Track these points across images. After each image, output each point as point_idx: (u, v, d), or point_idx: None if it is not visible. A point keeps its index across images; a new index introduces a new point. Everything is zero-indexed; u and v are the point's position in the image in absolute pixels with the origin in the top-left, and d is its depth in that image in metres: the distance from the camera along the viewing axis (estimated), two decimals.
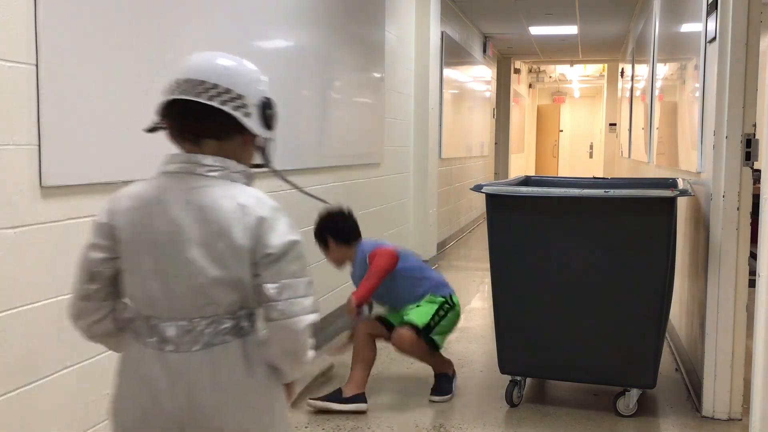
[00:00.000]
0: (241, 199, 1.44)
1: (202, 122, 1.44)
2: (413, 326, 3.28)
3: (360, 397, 3.30)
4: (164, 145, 2.85)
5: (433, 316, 3.33)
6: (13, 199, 2.09)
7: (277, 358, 1.45)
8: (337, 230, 3.47)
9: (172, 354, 1.40)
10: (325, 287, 4.47)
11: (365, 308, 3.38)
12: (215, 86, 1.46)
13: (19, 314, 2.12)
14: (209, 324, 1.41)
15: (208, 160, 1.44)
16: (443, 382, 3.52)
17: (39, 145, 2.17)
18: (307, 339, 1.44)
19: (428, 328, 3.32)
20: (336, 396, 3.29)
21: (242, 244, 1.40)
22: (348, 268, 3.59)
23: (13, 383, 2.12)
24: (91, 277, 1.46)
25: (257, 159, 1.58)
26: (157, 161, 2.75)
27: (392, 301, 3.49)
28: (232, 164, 1.47)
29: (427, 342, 3.34)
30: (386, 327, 3.44)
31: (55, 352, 2.27)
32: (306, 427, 3.12)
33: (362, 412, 3.28)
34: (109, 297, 1.48)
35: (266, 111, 1.59)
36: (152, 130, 1.51)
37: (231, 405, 1.41)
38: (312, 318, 1.43)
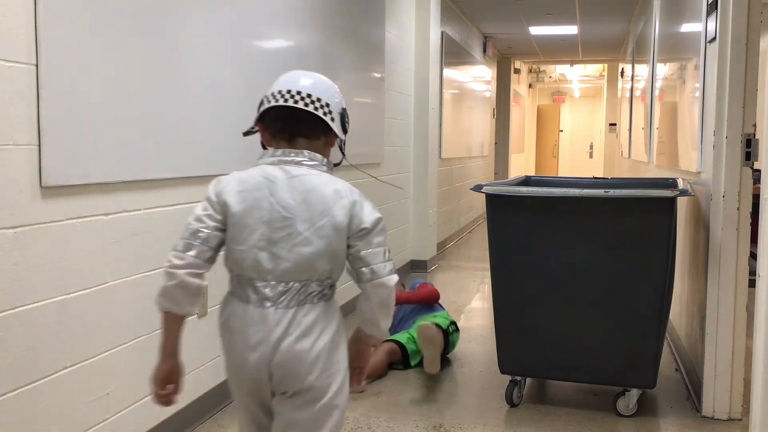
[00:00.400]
0: (335, 186, 1.81)
1: (300, 124, 1.80)
2: (437, 325, 3.85)
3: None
4: (163, 145, 2.86)
5: (449, 325, 4.00)
6: (13, 199, 2.09)
7: (374, 311, 1.80)
8: None
9: (270, 309, 1.73)
10: None
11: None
12: (309, 95, 1.79)
13: (19, 314, 2.12)
14: (301, 287, 1.74)
15: (304, 153, 1.80)
16: None
17: (39, 145, 2.17)
18: (394, 294, 1.80)
19: (446, 331, 3.91)
20: None
21: (341, 221, 1.75)
22: None
23: (13, 383, 2.12)
24: (204, 241, 1.77)
25: (334, 155, 1.94)
26: (157, 161, 2.74)
27: (408, 324, 4.12)
28: (319, 158, 1.84)
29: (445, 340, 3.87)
30: (402, 352, 3.92)
31: (55, 352, 2.27)
32: None
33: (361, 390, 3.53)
34: (209, 261, 1.77)
35: (344, 118, 1.92)
36: (248, 133, 1.90)
37: (308, 353, 1.74)
38: (396, 277, 1.81)
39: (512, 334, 3.31)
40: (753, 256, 2.72)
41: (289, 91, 1.79)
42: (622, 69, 11.06)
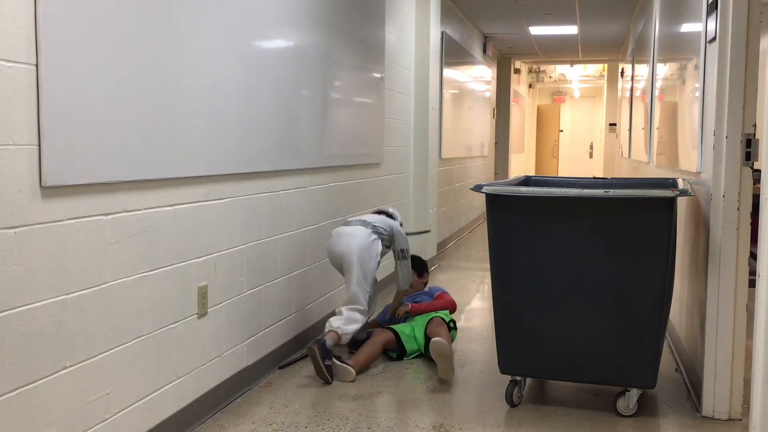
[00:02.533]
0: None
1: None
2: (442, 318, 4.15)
3: (351, 366, 3.75)
4: (163, 145, 2.86)
5: (449, 322, 4.21)
6: (13, 199, 2.09)
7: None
8: (424, 268, 4.79)
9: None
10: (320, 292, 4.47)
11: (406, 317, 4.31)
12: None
13: (19, 314, 2.13)
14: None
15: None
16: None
17: (39, 145, 2.17)
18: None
19: (448, 324, 4.16)
20: (338, 356, 3.76)
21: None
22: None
23: (13, 383, 2.12)
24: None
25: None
26: (157, 161, 2.74)
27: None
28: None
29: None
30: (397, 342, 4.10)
31: (55, 352, 2.27)
32: (306, 427, 3.12)
33: (351, 381, 3.69)
34: None
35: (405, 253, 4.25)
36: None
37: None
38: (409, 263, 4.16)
39: (512, 334, 3.31)
40: (753, 256, 2.73)
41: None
42: (622, 69, 11.06)
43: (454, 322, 4.32)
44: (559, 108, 20.51)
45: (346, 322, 3.76)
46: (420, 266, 4.64)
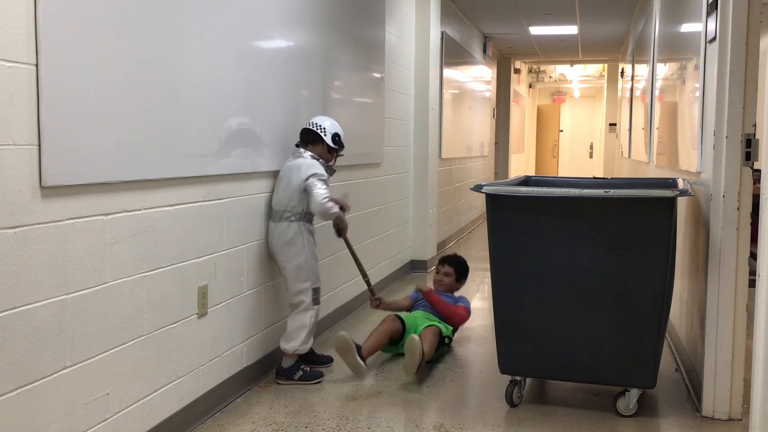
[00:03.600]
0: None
1: (308, 136, 3.73)
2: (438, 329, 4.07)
3: (364, 361, 3.78)
4: (163, 145, 2.85)
5: (445, 337, 4.13)
6: (13, 199, 2.09)
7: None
8: (466, 275, 4.65)
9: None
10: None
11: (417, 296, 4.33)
12: (316, 124, 3.74)
13: (19, 314, 2.12)
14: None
15: (308, 152, 3.69)
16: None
17: (39, 145, 2.17)
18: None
19: (443, 338, 4.08)
20: (357, 347, 3.75)
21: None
22: None
23: (13, 383, 2.12)
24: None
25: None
26: (157, 161, 2.74)
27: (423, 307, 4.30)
28: (306, 153, 3.68)
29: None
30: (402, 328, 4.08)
31: (55, 352, 2.27)
32: (306, 427, 3.12)
33: (360, 374, 3.77)
34: None
35: (335, 138, 3.76)
36: (298, 144, 3.76)
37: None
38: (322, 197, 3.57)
39: (512, 334, 3.31)
40: (753, 256, 2.72)
41: (309, 122, 3.77)
42: (622, 69, 11.06)
43: (450, 339, 4.21)
44: (559, 108, 20.51)
45: (288, 339, 3.60)
46: (463, 272, 4.57)
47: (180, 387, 2.97)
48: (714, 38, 3.20)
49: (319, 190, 3.49)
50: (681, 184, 3.20)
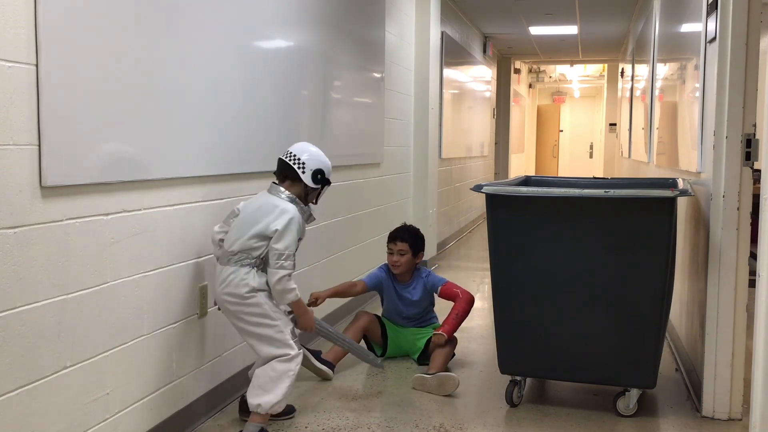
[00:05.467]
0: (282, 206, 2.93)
1: (285, 170, 3.02)
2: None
3: (331, 365, 3.73)
4: (163, 145, 2.85)
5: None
6: (13, 199, 2.09)
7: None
8: (422, 245, 4.11)
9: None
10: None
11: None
12: (293, 156, 3.01)
13: (19, 314, 2.12)
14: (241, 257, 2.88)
15: (286, 191, 2.99)
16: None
17: (39, 145, 2.17)
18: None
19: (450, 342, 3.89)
20: (316, 354, 3.68)
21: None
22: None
23: (13, 383, 2.12)
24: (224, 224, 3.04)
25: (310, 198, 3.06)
26: (157, 161, 2.74)
27: (406, 317, 4.06)
28: (289, 194, 2.98)
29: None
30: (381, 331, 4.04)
31: (55, 352, 2.27)
32: (306, 427, 3.12)
33: (329, 379, 3.69)
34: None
35: (316, 176, 3.00)
36: (275, 171, 3.07)
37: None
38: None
39: (512, 334, 3.31)
40: (753, 256, 2.72)
41: (285, 153, 3.04)
42: (622, 69, 11.06)
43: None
44: (559, 108, 20.51)
45: (261, 390, 2.86)
46: (419, 244, 4.04)
47: (180, 387, 2.97)
48: (714, 38, 3.20)
49: (280, 270, 2.79)
50: (681, 184, 3.20)
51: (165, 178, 2.80)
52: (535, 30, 10.20)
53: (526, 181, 4.07)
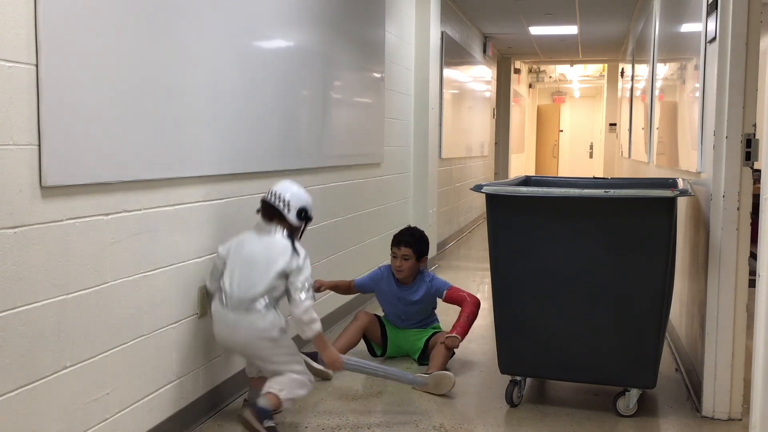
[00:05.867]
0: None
1: (269, 210, 3.04)
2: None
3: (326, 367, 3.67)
4: (163, 145, 2.85)
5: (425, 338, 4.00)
6: (13, 199, 2.09)
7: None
8: (427, 249, 4.06)
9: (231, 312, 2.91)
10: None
11: None
12: (277, 195, 3.04)
13: (19, 314, 2.12)
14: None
15: (278, 227, 3.03)
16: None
17: (39, 145, 2.17)
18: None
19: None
20: (312, 355, 3.60)
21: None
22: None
23: (13, 383, 2.12)
24: (214, 270, 3.04)
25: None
26: (157, 161, 2.74)
27: (406, 319, 4.03)
28: (285, 232, 3.02)
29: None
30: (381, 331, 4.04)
31: (55, 352, 2.27)
32: (306, 427, 3.12)
33: (328, 379, 3.70)
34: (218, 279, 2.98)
35: (300, 213, 3.06)
36: (259, 210, 3.06)
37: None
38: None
39: (512, 334, 3.31)
40: (753, 256, 2.72)
41: (270, 192, 3.06)
42: (622, 69, 11.06)
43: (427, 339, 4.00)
44: (559, 108, 20.51)
45: (291, 387, 2.93)
46: (423, 248, 3.99)
47: (180, 387, 2.97)
48: (714, 38, 3.20)
49: (306, 301, 2.89)
50: (681, 184, 3.20)
51: (165, 178, 2.80)
52: (535, 30, 10.20)
53: (526, 181, 4.07)
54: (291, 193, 3.04)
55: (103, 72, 2.41)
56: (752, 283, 2.66)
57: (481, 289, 6.15)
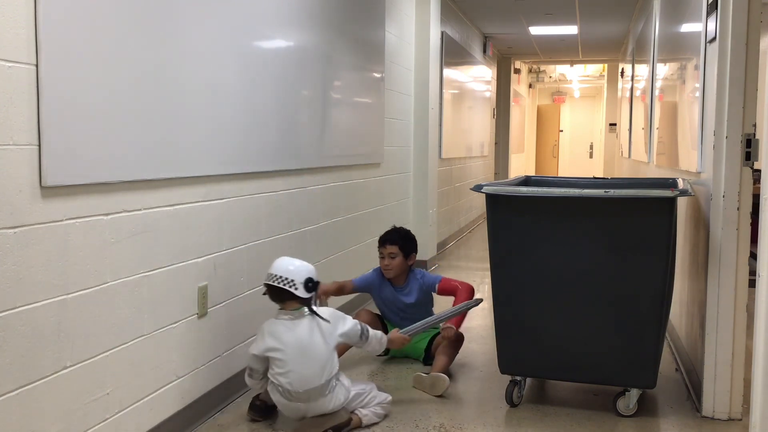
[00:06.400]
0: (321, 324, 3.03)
1: (279, 294, 3.04)
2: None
3: None
4: (163, 145, 2.85)
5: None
6: (13, 199, 2.09)
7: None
8: (414, 247, 4.07)
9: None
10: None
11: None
12: (281, 278, 3.00)
13: (19, 314, 2.13)
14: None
15: (296, 309, 3.03)
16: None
17: (39, 145, 2.17)
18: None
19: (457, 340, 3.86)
20: None
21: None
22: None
23: (13, 383, 2.12)
24: (254, 372, 3.09)
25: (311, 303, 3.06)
26: (157, 161, 2.74)
27: (407, 319, 3.92)
28: (304, 309, 3.04)
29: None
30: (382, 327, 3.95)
31: (55, 352, 2.27)
32: None
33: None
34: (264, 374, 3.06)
35: (308, 285, 3.01)
36: (265, 293, 3.07)
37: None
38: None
39: (512, 334, 3.31)
40: (753, 256, 2.72)
41: (269, 275, 3.02)
42: (622, 69, 11.06)
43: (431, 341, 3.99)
44: (559, 108, 20.51)
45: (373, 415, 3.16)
46: (410, 246, 4.02)
47: (180, 387, 2.97)
48: (714, 38, 3.20)
49: (368, 333, 3.17)
50: (681, 184, 3.20)
51: (165, 178, 2.80)
52: (535, 30, 10.20)
53: (526, 181, 4.07)
54: (291, 270, 3.00)
55: (103, 72, 2.41)
56: (752, 283, 2.66)
57: (481, 289, 6.15)
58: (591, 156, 21.08)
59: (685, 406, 3.41)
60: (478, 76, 10.30)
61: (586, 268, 3.13)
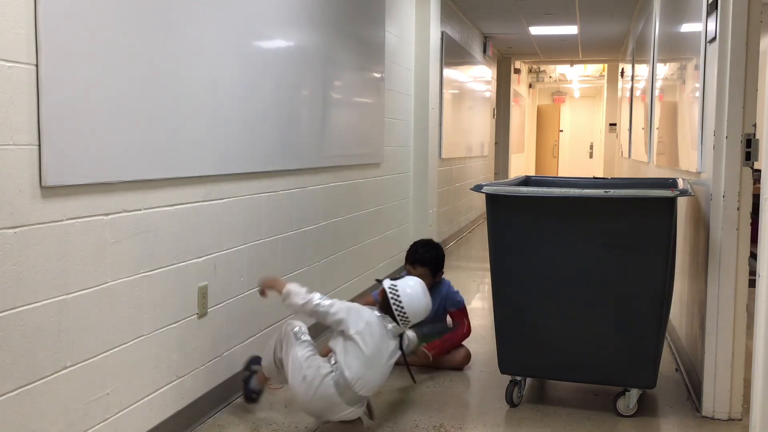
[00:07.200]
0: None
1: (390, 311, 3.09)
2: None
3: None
4: (164, 145, 2.85)
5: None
6: (13, 199, 2.09)
7: None
8: (442, 263, 4.04)
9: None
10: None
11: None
12: (400, 305, 3.08)
13: (19, 314, 2.13)
14: None
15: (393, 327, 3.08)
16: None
17: (39, 145, 2.17)
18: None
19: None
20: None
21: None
22: None
23: (13, 383, 2.12)
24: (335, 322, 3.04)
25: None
26: (157, 161, 2.74)
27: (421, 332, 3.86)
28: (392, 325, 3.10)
29: None
30: None
31: (55, 352, 2.27)
32: (306, 427, 3.12)
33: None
34: None
35: (410, 324, 3.14)
36: (377, 280, 3.35)
37: None
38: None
39: (512, 334, 3.31)
40: (753, 256, 2.73)
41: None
42: (622, 69, 11.06)
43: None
44: (559, 108, 20.51)
45: None
46: (438, 264, 3.98)
47: (180, 387, 2.97)
48: (714, 38, 3.20)
49: (410, 333, 3.39)
50: (681, 184, 3.20)
51: (165, 178, 2.80)
52: (535, 30, 10.20)
53: (526, 181, 4.07)
54: (413, 309, 3.08)
55: (103, 72, 2.41)
56: (752, 283, 2.66)
57: (481, 289, 6.15)
58: (591, 156, 21.09)
59: (685, 406, 3.41)
60: (478, 76, 10.30)
61: (586, 268, 3.13)
